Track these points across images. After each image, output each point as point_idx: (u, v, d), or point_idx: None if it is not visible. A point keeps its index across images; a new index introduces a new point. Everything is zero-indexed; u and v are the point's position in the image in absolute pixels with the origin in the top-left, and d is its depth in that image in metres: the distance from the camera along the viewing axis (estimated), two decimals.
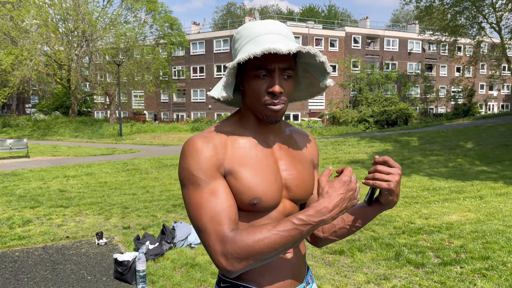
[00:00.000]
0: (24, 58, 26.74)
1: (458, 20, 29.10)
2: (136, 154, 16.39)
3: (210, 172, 1.08)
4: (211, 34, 41.14)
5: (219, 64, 39.99)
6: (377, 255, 4.43)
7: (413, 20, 45.29)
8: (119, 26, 31.72)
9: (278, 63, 1.09)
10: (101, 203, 7.29)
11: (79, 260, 4.28)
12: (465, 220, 5.87)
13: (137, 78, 33.46)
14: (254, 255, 1.02)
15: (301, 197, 1.22)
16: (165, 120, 40.26)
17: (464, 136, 15.52)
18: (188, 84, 41.43)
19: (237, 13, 67.76)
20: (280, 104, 1.12)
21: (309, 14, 59.93)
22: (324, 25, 44.40)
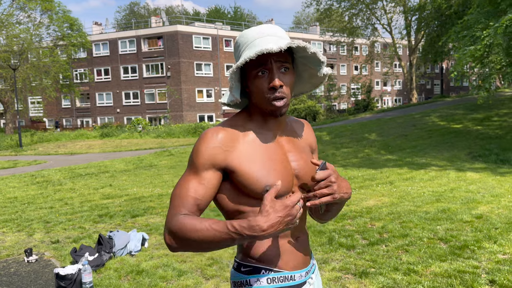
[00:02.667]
0: None
1: (354, 21, 31.57)
2: (42, 165, 15.18)
3: (207, 163, 1.20)
4: (115, 35, 39.38)
5: (125, 65, 38.46)
6: (313, 242, 4.76)
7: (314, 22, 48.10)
8: (11, 27, 28.94)
9: (274, 60, 1.21)
10: (16, 219, 6.71)
11: (10, 280, 3.96)
12: (381, 204, 6.51)
13: (35, 83, 30.89)
14: (186, 239, 1.13)
15: (307, 184, 1.33)
16: (68, 127, 37.62)
17: (368, 128, 16.97)
18: (93, 88, 39.21)
19: (141, 13, 65.65)
20: (283, 99, 1.22)
21: (216, 15, 60.27)
22: (232, 26, 45.05)
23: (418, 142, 13.33)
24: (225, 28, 41.67)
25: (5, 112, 28.59)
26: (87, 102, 40.28)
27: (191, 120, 35.19)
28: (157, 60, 37.27)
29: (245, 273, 1.27)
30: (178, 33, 36.51)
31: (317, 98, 40.66)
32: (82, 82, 39.50)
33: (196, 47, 37.55)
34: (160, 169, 11.94)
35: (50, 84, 31.19)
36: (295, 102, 32.95)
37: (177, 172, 11.25)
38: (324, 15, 32.20)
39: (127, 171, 12.06)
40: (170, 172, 11.21)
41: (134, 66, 38.27)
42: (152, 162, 13.55)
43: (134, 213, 6.70)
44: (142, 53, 37.90)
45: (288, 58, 1.24)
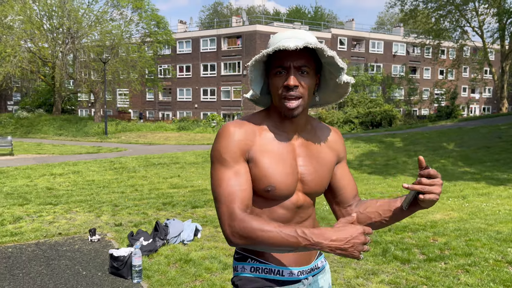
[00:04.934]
0: (7, 55, 26.28)
1: (441, 23, 29.70)
2: (122, 153, 16.32)
3: (235, 155, 1.23)
4: (198, 33, 41.05)
5: (205, 63, 39.94)
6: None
7: (398, 23, 46.02)
8: (105, 23, 31.41)
9: (293, 60, 1.22)
10: (90, 201, 7.29)
11: (73, 256, 4.32)
12: (448, 218, 6.07)
13: (123, 76, 33.20)
14: (253, 239, 1.16)
15: (314, 191, 1.35)
16: (150, 119, 39.99)
17: (447, 137, 15.89)
18: (174, 83, 41.27)
19: (223, 13, 67.71)
20: (296, 100, 1.23)
21: (296, 15, 60.27)
22: (311, 26, 44.75)
23: (501, 155, 12.20)
24: (304, 28, 41.49)
25: (95, 102, 31.18)
26: (168, 96, 42.51)
27: None
28: (234, 58, 38.21)
29: (236, 260, 1.37)
30: (257, 32, 37.09)
31: (395, 102, 38.95)
32: (165, 77, 41.74)
33: None
34: None
35: (136, 78, 33.37)
36: (370, 106, 31.89)
37: None
38: (409, 16, 30.73)
39: (196, 163, 12.53)
40: None
41: (213, 64, 39.60)
42: None
43: (195, 204, 6.95)
44: (222, 51, 39.07)
45: (310, 62, 1.25)
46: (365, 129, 29.18)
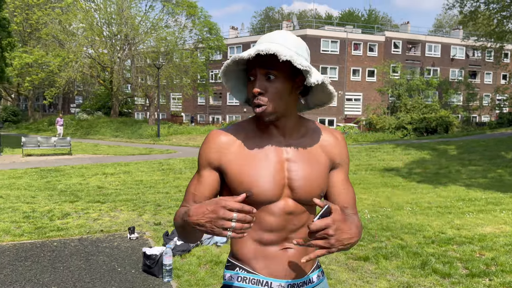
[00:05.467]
0: (70, 60, 28.03)
1: (505, 25, 27.93)
2: (171, 155, 16.82)
3: (204, 162, 1.29)
4: (248, 39, 41.56)
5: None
6: (403, 263, 4.38)
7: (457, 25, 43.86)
8: (160, 30, 32.64)
9: (259, 66, 1.20)
10: (135, 200, 7.57)
11: (111, 252, 4.50)
12: (499, 232, 5.67)
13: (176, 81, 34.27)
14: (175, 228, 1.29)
15: (304, 198, 1.27)
16: (201, 123, 40.98)
17: (506, 146, 14.88)
18: (225, 88, 41.89)
19: (275, 18, 68.04)
20: (261, 106, 1.20)
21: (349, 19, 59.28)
22: (363, 29, 43.79)
23: None
24: (356, 32, 40.70)
25: (150, 106, 32.44)
26: (219, 100, 43.33)
27: None
28: None
29: (226, 268, 1.35)
30: (307, 36, 36.89)
31: (453, 108, 37.10)
32: (216, 82, 42.60)
33: (323, 50, 37.47)
34: None
35: (188, 82, 34.34)
36: (424, 111, 30.60)
37: None
38: (469, 18, 29.13)
39: None
40: None
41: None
42: None
43: None
44: None
45: (279, 66, 1.18)
46: (418, 135, 28.04)
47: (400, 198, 8.09)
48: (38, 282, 3.73)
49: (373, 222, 6.13)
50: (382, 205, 7.48)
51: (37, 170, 11.99)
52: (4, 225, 5.51)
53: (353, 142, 23.27)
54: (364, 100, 38.74)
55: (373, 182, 10.05)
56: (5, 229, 5.33)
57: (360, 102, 39.06)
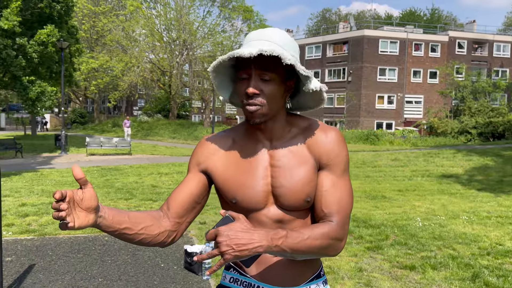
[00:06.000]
0: (132, 65, 29.53)
1: None
2: None
3: (192, 165, 1.30)
4: (303, 41, 41.34)
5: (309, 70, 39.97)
6: (452, 274, 4.14)
7: None
8: (216, 35, 33.43)
9: (254, 66, 1.14)
10: None
11: (156, 249, 4.67)
12: None
13: None
14: None
15: (288, 205, 1.20)
16: None
17: None
18: None
19: (332, 19, 67.17)
20: (255, 105, 1.15)
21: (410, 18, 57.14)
22: (425, 29, 41.98)
23: None
24: (417, 32, 39.09)
25: (205, 108, 33.31)
26: None
27: (368, 127, 34.33)
28: (340, 65, 37.61)
29: (224, 268, 1.34)
30: (364, 37, 36.02)
31: None
32: None
33: (382, 51, 36.36)
34: None
35: None
36: (491, 115, 28.70)
37: None
38: None
39: None
40: None
41: (317, 71, 39.48)
42: None
43: None
44: (326, 58, 38.78)
45: (275, 68, 1.15)
46: (484, 141, 26.37)
47: (457, 206, 7.66)
48: (87, 273, 3.96)
49: (424, 231, 5.86)
50: (436, 213, 7.12)
51: (98, 168, 12.75)
52: None
53: (411, 146, 22.37)
54: (425, 102, 37.08)
55: (428, 189, 9.60)
56: None
57: (421, 105, 37.43)
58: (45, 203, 6.94)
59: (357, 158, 15.67)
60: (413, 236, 5.60)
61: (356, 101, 35.80)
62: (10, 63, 15.52)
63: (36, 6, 16.62)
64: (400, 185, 10.06)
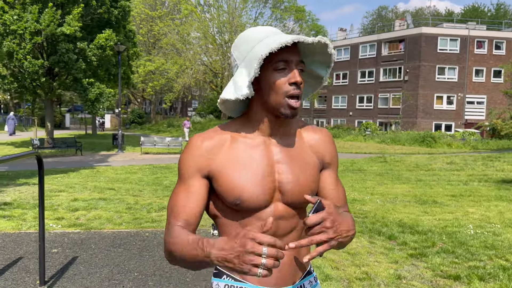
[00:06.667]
0: (186, 67, 30.39)
1: None
2: None
3: (191, 171, 1.18)
4: (357, 40, 40.42)
5: (363, 69, 39.04)
6: (501, 287, 3.82)
7: None
8: None
9: (295, 55, 1.14)
10: None
11: None
12: None
13: None
14: (171, 253, 1.12)
15: (295, 201, 1.20)
16: None
17: None
18: (330, 91, 41.42)
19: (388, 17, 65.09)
20: (298, 100, 1.16)
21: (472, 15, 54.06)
22: (488, 26, 39.51)
23: None
24: (480, 28, 36.87)
25: None
26: (324, 104, 42.91)
27: (425, 128, 32.84)
28: (395, 64, 36.33)
29: (213, 275, 1.26)
30: (422, 35, 34.54)
31: None
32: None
33: (441, 49, 34.66)
34: (367, 175, 11.72)
35: None
36: None
37: (382, 179, 10.81)
38: None
39: None
40: (375, 179, 10.87)
41: (371, 70, 38.43)
42: (362, 167, 13.41)
43: None
44: (381, 57, 37.63)
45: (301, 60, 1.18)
46: None
47: None
48: (124, 267, 4.09)
49: (476, 239, 5.47)
50: (492, 220, 6.64)
51: (150, 167, 13.23)
52: (109, 214, 6.18)
53: (470, 149, 21.11)
54: (488, 103, 34.86)
55: (485, 195, 8.98)
56: (108, 218, 5.97)
57: (483, 106, 35.25)
58: (95, 199, 7.29)
59: (410, 161, 15.03)
60: (462, 244, 5.25)
61: (412, 101, 34.43)
62: (71, 66, 16.54)
63: (96, 12, 17.58)
64: (454, 190, 9.50)
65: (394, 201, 8.00)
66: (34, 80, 17.07)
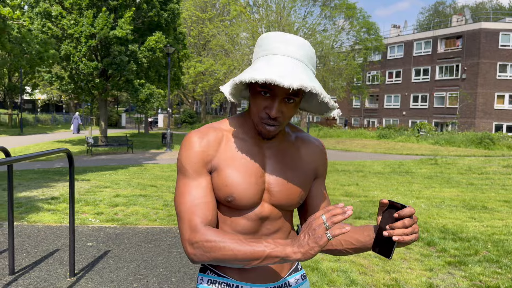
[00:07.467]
0: (234, 68, 30.74)
1: None
2: None
3: (197, 167, 1.17)
4: (411, 37, 38.91)
5: (418, 67, 37.49)
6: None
7: None
8: (316, 34, 33.15)
9: (282, 88, 1.09)
10: None
11: None
12: None
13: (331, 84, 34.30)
14: (216, 252, 1.08)
15: (282, 203, 1.23)
16: (355, 126, 40.04)
17: None
18: (382, 90, 40.19)
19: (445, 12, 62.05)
20: (275, 126, 1.15)
21: None
22: None
23: None
24: None
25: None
26: (375, 103, 41.71)
27: (484, 129, 30.92)
28: (452, 61, 34.55)
29: (199, 270, 1.31)
30: (481, 31, 32.59)
31: None
32: (373, 84, 41.10)
33: (503, 45, 32.51)
34: (414, 177, 11.21)
35: (341, 85, 33.99)
36: None
37: (430, 183, 10.28)
38: None
39: (381, 173, 11.91)
40: (423, 182, 10.36)
41: (426, 68, 36.83)
42: (411, 169, 12.83)
43: (358, 214, 6.65)
44: (437, 54, 35.96)
45: (299, 91, 1.12)
46: None
47: None
48: (151, 263, 4.18)
49: None
50: None
51: None
52: (146, 210, 6.36)
53: None
54: None
55: None
56: (145, 214, 6.14)
57: None
58: (136, 195, 7.54)
59: (462, 163, 14.20)
60: (509, 254, 4.87)
61: (471, 100, 32.59)
62: (123, 67, 17.27)
63: (147, 15, 18.24)
64: (509, 195, 8.84)
65: (440, 206, 7.59)
66: (89, 81, 18.02)
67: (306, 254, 1.00)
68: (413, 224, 1.06)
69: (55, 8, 16.45)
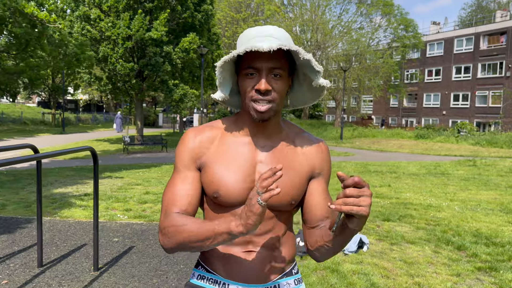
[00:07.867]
0: None
1: None
2: (348, 158, 16.61)
3: (186, 162, 1.24)
4: (452, 33, 37.52)
5: (459, 65, 36.11)
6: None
7: None
8: (352, 32, 32.61)
9: (266, 62, 1.13)
10: None
11: None
12: None
13: (367, 83, 33.64)
14: (178, 237, 1.11)
15: (272, 203, 1.21)
16: (392, 126, 39.04)
17: None
18: (421, 88, 38.99)
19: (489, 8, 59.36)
20: (266, 104, 1.15)
21: None
22: None
23: None
24: None
25: (336, 108, 32.76)
26: (414, 102, 40.54)
27: None
28: (495, 58, 33.03)
29: (194, 266, 1.35)
30: None
31: None
32: (411, 82, 39.97)
33: None
34: (450, 179, 10.79)
35: (377, 84, 33.24)
36: None
37: (466, 185, 9.87)
38: None
39: (415, 175, 11.55)
40: (459, 184, 9.96)
41: (467, 66, 35.41)
42: (447, 170, 12.36)
43: (388, 216, 6.48)
44: (479, 51, 34.48)
45: (284, 64, 1.17)
46: None
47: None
48: (173, 259, 4.25)
49: None
50: None
51: None
52: None
53: None
54: None
55: None
56: None
57: None
58: None
59: (503, 165, 13.54)
60: None
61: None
62: (158, 68, 17.68)
63: (181, 16, 18.57)
64: None
65: (475, 209, 7.27)
66: (126, 82, 18.56)
67: (247, 225, 0.99)
68: (361, 196, 0.98)
69: (94, 11, 17.07)
